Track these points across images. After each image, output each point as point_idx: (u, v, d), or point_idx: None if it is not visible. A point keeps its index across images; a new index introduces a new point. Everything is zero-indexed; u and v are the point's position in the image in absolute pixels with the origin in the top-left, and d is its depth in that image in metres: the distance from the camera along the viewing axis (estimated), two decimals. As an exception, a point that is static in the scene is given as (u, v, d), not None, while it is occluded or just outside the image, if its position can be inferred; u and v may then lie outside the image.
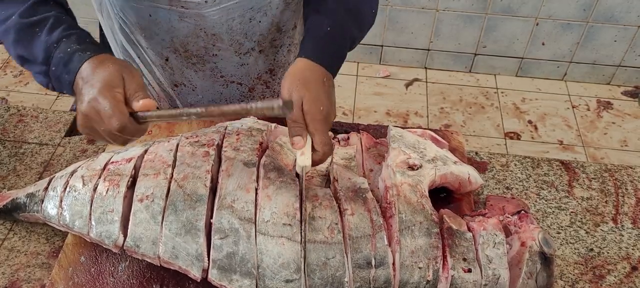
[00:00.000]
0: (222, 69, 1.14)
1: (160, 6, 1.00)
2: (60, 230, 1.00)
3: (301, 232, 0.82)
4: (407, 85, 2.85)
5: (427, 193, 0.89)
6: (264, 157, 0.92)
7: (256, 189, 0.86)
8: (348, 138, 1.03)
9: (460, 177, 0.95)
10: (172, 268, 0.84)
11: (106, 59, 0.82)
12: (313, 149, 0.83)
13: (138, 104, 0.79)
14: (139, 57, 1.14)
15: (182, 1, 0.99)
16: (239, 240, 0.81)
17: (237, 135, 0.96)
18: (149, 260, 0.85)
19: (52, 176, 0.98)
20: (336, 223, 0.82)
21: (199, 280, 0.82)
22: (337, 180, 0.90)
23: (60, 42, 0.84)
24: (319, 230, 0.82)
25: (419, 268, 0.81)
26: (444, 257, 0.82)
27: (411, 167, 0.92)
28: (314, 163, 0.83)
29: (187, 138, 0.96)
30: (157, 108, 0.82)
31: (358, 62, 2.96)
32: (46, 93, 2.74)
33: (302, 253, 0.80)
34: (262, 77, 1.20)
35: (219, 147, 0.94)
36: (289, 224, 0.82)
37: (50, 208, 0.91)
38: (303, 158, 0.82)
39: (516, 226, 0.89)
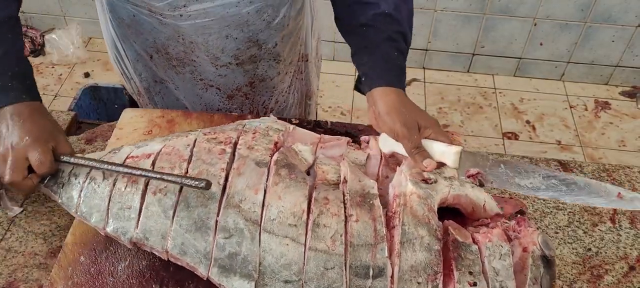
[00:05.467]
0: (201, 73, 1.16)
1: (142, 11, 1.03)
2: (58, 231, 1.00)
3: (305, 235, 0.81)
4: (406, 85, 2.85)
5: (435, 209, 0.86)
6: (277, 153, 0.91)
7: (265, 189, 0.85)
8: (368, 142, 1.01)
9: (474, 202, 0.91)
10: (179, 263, 0.84)
11: (41, 111, 0.92)
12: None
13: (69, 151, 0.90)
14: (125, 51, 1.17)
15: (159, 12, 1.01)
16: (242, 241, 0.81)
17: (254, 133, 0.95)
18: (156, 254, 0.85)
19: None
20: (341, 235, 0.81)
21: (205, 279, 0.82)
22: (346, 181, 0.88)
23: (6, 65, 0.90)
24: (322, 238, 0.80)
25: (418, 283, 0.79)
26: (450, 271, 0.80)
27: (425, 180, 0.89)
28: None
29: (206, 134, 0.96)
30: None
31: (356, 62, 2.96)
32: (44, 93, 2.73)
33: (304, 257, 0.80)
34: (242, 88, 1.20)
35: (236, 145, 0.93)
36: (295, 225, 0.81)
37: (69, 196, 0.90)
38: (450, 152, 0.88)
39: (515, 231, 0.87)
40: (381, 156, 0.98)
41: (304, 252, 0.80)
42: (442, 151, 0.90)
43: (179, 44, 1.08)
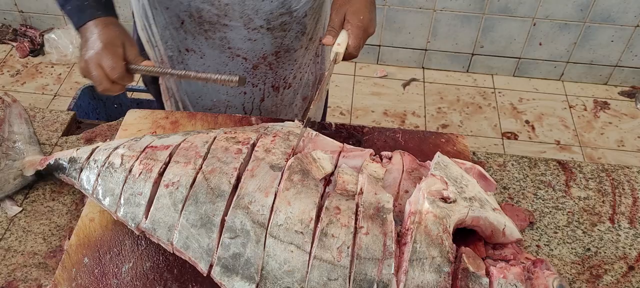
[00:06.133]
0: (231, 41, 1.19)
1: None
2: (57, 230, 1.00)
3: (311, 244, 0.80)
4: (405, 85, 2.86)
5: (450, 230, 0.83)
6: (292, 158, 0.90)
7: (275, 193, 0.85)
8: (391, 157, 0.99)
9: (494, 226, 0.88)
10: (182, 257, 0.85)
11: (112, 23, 1.00)
12: (346, 49, 1.04)
13: (141, 62, 0.99)
14: (154, 18, 1.20)
15: None
16: (247, 242, 0.81)
17: (274, 136, 0.95)
18: (162, 245, 0.86)
19: (97, 145, 1.01)
20: (348, 246, 0.79)
21: (205, 275, 0.82)
22: (362, 192, 0.87)
23: None
24: (328, 248, 0.79)
25: None
26: None
27: (444, 199, 0.86)
28: (346, 57, 1.04)
29: (226, 133, 0.97)
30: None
31: (355, 62, 2.96)
32: (43, 92, 2.73)
33: (309, 265, 0.79)
34: (268, 57, 1.23)
35: (254, 146, 0.94)
36: (301, 232, 0.80)
37: (87, 180, 0.96)
38: (338, 47, 1.03)
39: (530, 271, 0.83)
40: (402, 170, 0.96)
41: (309, 261, 0.79)
42: (336, 43, 1.04)
43: (214, 7, 1.12)
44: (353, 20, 1.04)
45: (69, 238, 0.97)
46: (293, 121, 1.05)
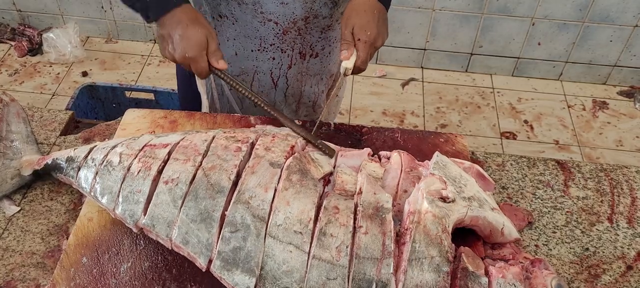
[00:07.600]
0: (263, 5, 1.20)
1: None
2: (55, 230, 1.00)
3: (310, 244, 0.80)
4: (404, 85, 2.86)
5: (449, 230, 0.83)
6: (291, 158, 0.91)
7: (275, 190, 0.85)
8: (390, 157, 1.00)
9: (492, 226, 0.89)
10: (181, 253, 0.85)
11: (198, 18, 1.06)
12: (354, 63, 1.07)
13: (217, 64, 1.06)
14: None
15: None
16: (248, 236, 0.81)
17: (273, 137, 0.97)
18: (161, 241, 0.86)
19: (94, 144, 1.01)
20: (347, 246, 0.79)
21: (204, 270, 0.83)
22: (361, 192, 0.87)
23: None
24: (327, 247, 0.79)
25: None
26: None
27: (443, 199, 0.86)
28: (354, 71, 1.07)
29: (225, 132, 0.98)
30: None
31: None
32: (41, 91, 2.73)
33: (307, 265, 0.79)
34: (297, 22, 1.25)
35: (253, 145, 0.95)
36: (300, 232, 0.81)
37: (85, 179, 0.96)
38: (347, 63, 1.06)
39: (528, 271, 0.84)
40: (401, 169, 0.97)
41: (308, 261, 0.79)
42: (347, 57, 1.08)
43: None
44: (361, 35, 1.06)
45: (67, 238, 0.97)
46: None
